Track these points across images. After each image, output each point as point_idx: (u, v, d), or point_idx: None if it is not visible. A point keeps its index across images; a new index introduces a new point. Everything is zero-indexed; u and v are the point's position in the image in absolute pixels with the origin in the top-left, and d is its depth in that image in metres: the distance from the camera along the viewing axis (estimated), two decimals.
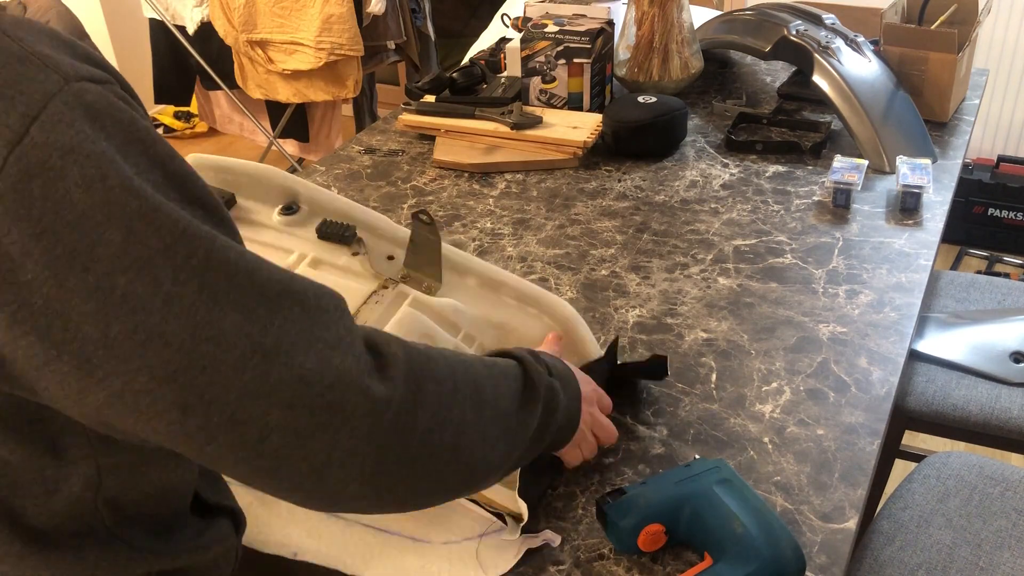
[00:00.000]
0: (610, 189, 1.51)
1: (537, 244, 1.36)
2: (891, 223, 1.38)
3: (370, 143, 1.72)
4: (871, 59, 1.67)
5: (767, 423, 1.00)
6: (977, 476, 1.25)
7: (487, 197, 1.50)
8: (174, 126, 4.06)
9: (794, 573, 0.79)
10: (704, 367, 1.09)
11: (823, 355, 1.10)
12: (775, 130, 1.69)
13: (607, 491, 0.87)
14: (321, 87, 2.91)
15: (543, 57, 1.67)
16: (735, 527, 0.81)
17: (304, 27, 2.77)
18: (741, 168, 1.56)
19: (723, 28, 1.86)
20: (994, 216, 2.86)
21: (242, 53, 2.95)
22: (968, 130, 1.67)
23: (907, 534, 1.17)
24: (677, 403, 1.04)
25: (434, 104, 1.70)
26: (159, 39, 3.25)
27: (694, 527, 0.83)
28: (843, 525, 0.88)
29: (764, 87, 1.88)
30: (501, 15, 2.09)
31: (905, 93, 1.65)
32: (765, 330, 1.15)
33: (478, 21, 2.99)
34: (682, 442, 0.98)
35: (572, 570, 0.85)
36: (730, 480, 0.85)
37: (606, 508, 0.84)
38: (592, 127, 1.61)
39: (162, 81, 3.35)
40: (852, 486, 0.92)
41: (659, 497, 0.84)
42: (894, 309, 1.18)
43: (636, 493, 0.85)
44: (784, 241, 1.34)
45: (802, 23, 1.71)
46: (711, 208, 1.44)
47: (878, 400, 1.03)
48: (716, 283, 1.25)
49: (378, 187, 1.55)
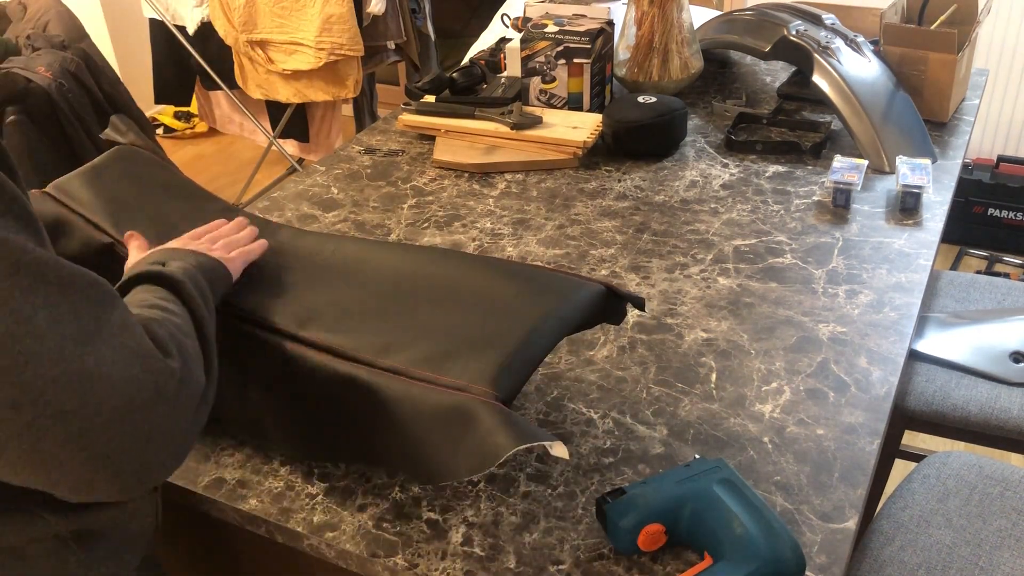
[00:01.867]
0: (610, 189, 1.51)
1: (537, 244, 1.36)
2: (891, 223, 1.38)
3: (370, 143, 1.72)
4: (871, 59, 1.67)
5: (767, 423, 1.00)
6: (977, 476, 1.25)
7: (487, 197, 1.50)
8: (174, 126, 4.06)
9: (794, 573, 0.79)
10: (704, 367, 1.09)
11: (823, 355, 1.10)
12: (775, 130, 1.69)
13: (607, 491, 0.87)
14: (321, 87, 2.91)
15: (543, 57, 1.67)
16: (735, 527, 0.81)
17: (304, 27, 2.77)
18: (741, 168, 1.56)
19: (723, 28, 1.86)
20: (994, 216, 2.86)
21: (242, 53, 2.96)
22: (968, 130, 1.67)
23: (907, 534, 1.17)
24: (677, 403, 1.04)
25: (434, 104, 1.70)
26: (159, 39, 3.25)
27: (694, 527, 0.83)
28: (843, 525, 0.88)
29: (764, 87, 1.88)
30: (501, 15, 2.09)
31: (905, 93, 1.65)
32: (765, 330, 1.15)
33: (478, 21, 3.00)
34: (682, 442, 0.99)
35: (572, 570, 0.85)
36: (730, 480, 0.85)
37: (606, 508, 0.84)
38: (592, 127, 1.62)
39: (162, 81, 3.35)
40: (852, 486, 0.92)
41: (659, 497, 0.84)
42: (894, 309, 1.18)
43: (636, 493, 0.85)
44: (784, 241, 1.34)
45: (802, 23, 1.71)
46: (711, 208, 1.44)
47: (878, 400, 1.03)
48: (716, 283, 1.25)
49: (378, 187, 1.55)
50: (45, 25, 2.75)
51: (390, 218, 1.45)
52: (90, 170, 1.09)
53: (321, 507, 0.93)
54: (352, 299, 0.97)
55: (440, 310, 0.94)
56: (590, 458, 0.97)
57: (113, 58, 3.88)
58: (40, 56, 2.57)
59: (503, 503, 0.92)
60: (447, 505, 0.92)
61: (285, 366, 0.91)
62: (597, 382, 1.08)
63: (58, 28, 2.73)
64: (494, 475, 0.95)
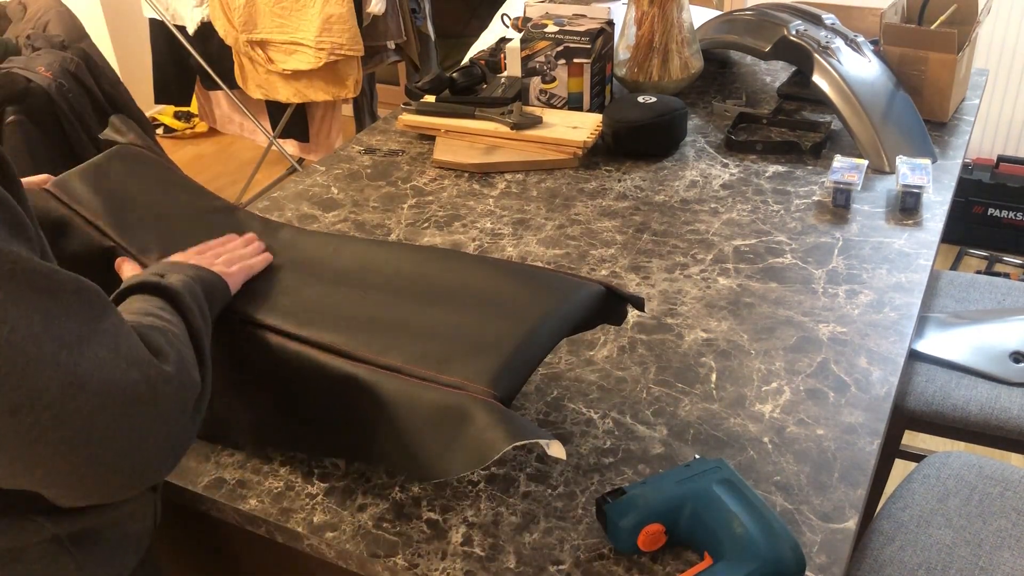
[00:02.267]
0: (610, 189, 1.51)
1: (537, 244, 1.36)
2: (891, 223, 1.38)
3: (370, 143, 1.72)
4: (871, 59, 1.67)
5: (767, 423, 1.00)
6: (977, 476, 1.25)
7: (487, 197, 1.50)
8: (174, 126, 4.06)
9: (794, 572, 0.79)
10: (704, 367, 1.09)
11: (823, 355, 1.10)
12: (775, 130, 1.69)
13: (607, 491, 0.87)
14: (321, 87, 2.91)
15: (543, 57, 1.67)
16: (735, 527, 0.81)
17: (304, 27, 2.77)
18: (741, 168, 1.56)
19: (723, 28, 1.86)
20: (994, 216, 2.86)
21: (242, 53, 2.96)
22: (968, 130, 1.67)
23: (907, 534, 1.17)
24: (677, 403, 1.04)
25: (434, 104, 1.70)
26: (159, 39, 3.25)
27: (694, 527, 0.83)
28: (843, 525, 0.88)
29: (764, 87, 1.88)
30: (501, 15, 2.09)
31: (905, 93, 1.65)
32: (765, 330, 1.15)
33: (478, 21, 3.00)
34: (682, 442, 0.99)
35: (572, 570, 0.85)
36: (730, 480, 0.85)
37: (606, 508, 0.84)
38: (592, 127, 1.62)
39: (162, 81, 3.35)
40: (852, 486, 0.92)
41: (659, 497, 0.84)
42: (894, 309, 1.18)
43: (636, 493, 0.85)
44: (784, 241, 1.34)
45: (802, 23, 1.71)
46: (711, 208, 1.44)
47: (878, 400, 1.03)
48: (716, 283, 1.25)
49: (378, 187, 1.55)
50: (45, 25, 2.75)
51: (390, 218, 1.45)
52: (91, 168, 1.09)
53: (321, 507, 0.93)
54: (352, 298, 0.97)
55: (440, 310, 0.94)
56: (590, 458, 0.97)
57: (113, 58, 3.88)
58: (40, 56, 2.57)
59: (503, 503, 0.92)
60: (447, 505, 0.92)
61: (285, 365, 0.91)
62: (597, 382, 1.08)
63: (58, 28, 2.73)
64: (494, 475, 0.95)
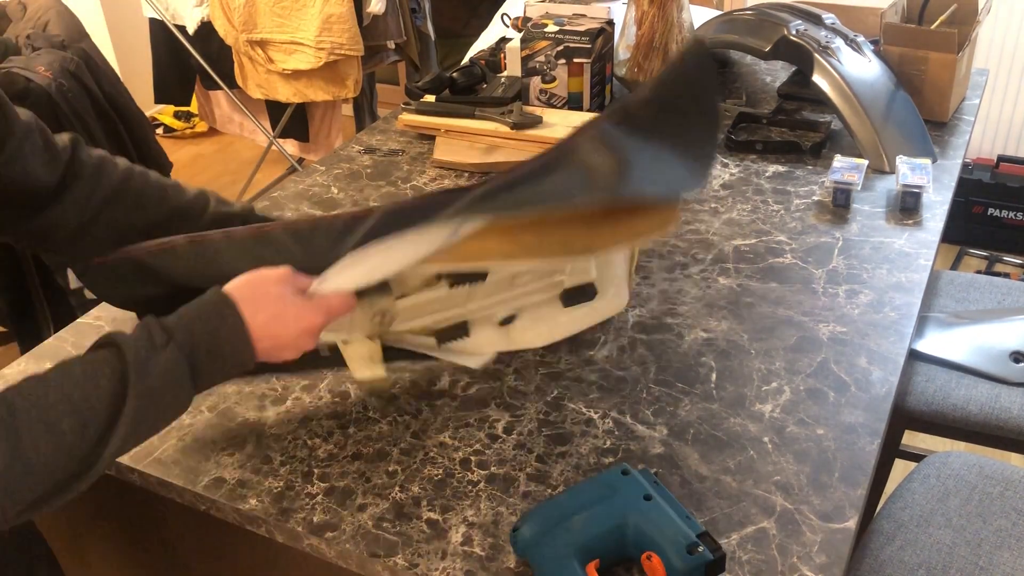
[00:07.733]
0: None
1: None
2: (891, 223, 1.38)
3: (370, 143, 1.72)
4: (871, 59, 1.67)
5: (767, 423, 1.00)
6: (977, 476, 1.25)
7: None
8: (174, 126, 4.06)
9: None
10: (704, 367, 1.09)
11: (823, 355, 1.10)
12: (775, 130, 1.69)
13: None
14: (321, 87, 2.91)
15: (543, 57, 1.67)
16: (676, 523, 0.82)
17: (304, 27, 2.77)
18: (741, 168, 1.56)
19: (723, 28, 1.86)
20: (994, 216, 2.86)
21: (242, 53, 2.96)
22: (968, 130, 1.67)
23: (907, 534, 1.17)
24: (677, 403, 1.04)
25: (434, 104, 1.70)
26: (159, 39, 3.25)
27: (638, 542, 0.83)
28: (843, 525, 0.88)
29: (764, 87, 1.88)
30: (501, 15, 2.09)
31: (905, 93, 1.65)
32: (765, 330, 1.15)
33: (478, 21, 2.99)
34: (682, 442, 0.99)
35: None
36: (639, 481, 0.86)
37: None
38: None
39: (162, 81, 3.34)
40: (852, 486, 0.92)
41: (596, 532, 0.83)
42: (894, 309, 1.18)
43: (567, 541, 0.82)
44: (784, 241, 1.34)
45: (802, 23, 1.71)
46: (711, 208, 1.44)
47: (878, 400, 1.03)
48: (716, 283, 1.25)
49: (378, 187, 1.55)
50: (45, 25, 2.75)
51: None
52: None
53: (321, 507, 0.93)
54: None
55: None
56: (590, 458, 0.97)
57: (113, 58, 3.88)
58: (40, 56, 2.57)
59: (503, 503, 0.92)
60: (447, 505, 0.92)
61: None
62: (597, 382, 1.08)
63: (58, 28, 2.73)
64: (494, 475, 0.95)
